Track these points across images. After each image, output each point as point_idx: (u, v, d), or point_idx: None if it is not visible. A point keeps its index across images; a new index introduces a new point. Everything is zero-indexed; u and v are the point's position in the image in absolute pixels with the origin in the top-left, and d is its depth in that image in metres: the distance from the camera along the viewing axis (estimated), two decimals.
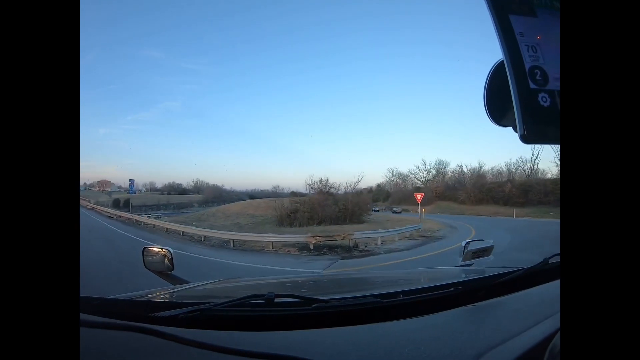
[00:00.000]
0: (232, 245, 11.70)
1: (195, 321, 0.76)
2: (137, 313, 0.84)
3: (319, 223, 20.06)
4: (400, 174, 48.66)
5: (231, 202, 37.76)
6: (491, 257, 1.62)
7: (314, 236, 10.92)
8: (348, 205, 22.16)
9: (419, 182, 45.84)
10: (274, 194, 43.69)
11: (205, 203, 41.83)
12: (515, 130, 0.52)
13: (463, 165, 44.40)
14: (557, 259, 1.07)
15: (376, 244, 11.36)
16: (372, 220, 21.94)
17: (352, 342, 0.72)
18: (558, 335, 0.66)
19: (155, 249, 1.59)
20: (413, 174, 47.20)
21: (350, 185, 25.44)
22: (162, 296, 1.22)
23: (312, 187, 25.39)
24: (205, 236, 13.16)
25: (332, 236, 11.28)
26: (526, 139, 0.51)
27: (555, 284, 0.98)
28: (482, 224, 20.55)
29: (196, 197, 47.38)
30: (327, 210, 21.23)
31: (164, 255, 1.54)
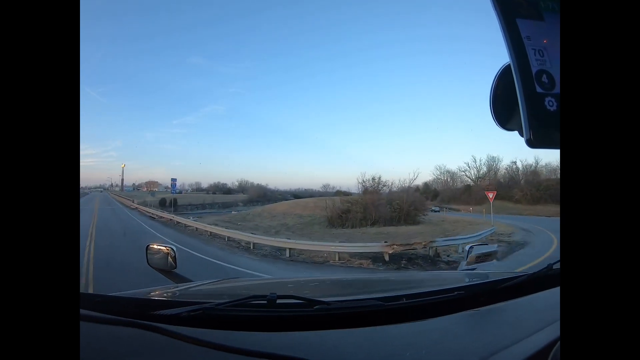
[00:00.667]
0: (287, 255, 9.62)
1: (198, 320, 0.76)
2: (139, 310, 0.84)
3: (373, 224, 18.79)
4: (448, 171, 46.42)
5: (275, 201, 37.71)
6: (494, 261, 1.60)
7: (390, 245, 8.99)
8: (403, 205, 20.44)
9: (469, 180, 43.41)
10: (318, 194, 43.64)
11: (249, 202, 42.04)
12: (521, 135, 0.52)
13: (517, 160, 40.53)
14: None
15: (457, 252, 9.48)
16: (428, 221, 20.40)
17: (353, 345, 0.72)
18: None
19: (159, 246, 1.60)
20: (463, 172, 44.56)
21: (403, 183, 23.99)
22: (165, 294, 1.22)
23: (364, 185, 24.23)
24: (254, 243, 11.05)
25: (411, 244, 9.31)
26: (532, 143, 0.51)
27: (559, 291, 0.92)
28: (552, 225, 16.81)
29: (241, 196, 47.66)
30: (380, 210, 19.66)
31: (167, 254, 1.55)
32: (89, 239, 10.43)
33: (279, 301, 0.83)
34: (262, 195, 46.17)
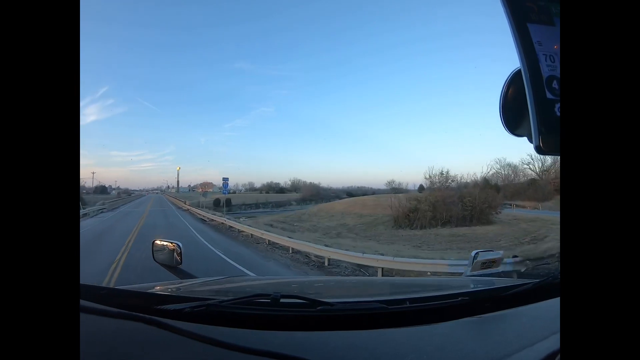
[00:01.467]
0: (380, 275, 6.87)
1: (201, 316, 0.77)
2: (143, 304, 0.85)
3: (444, 224, 17.33)
4: (509, 164, 41.96)
5: (328, 200, 37.21)
6: (499, 268, 1.61)
7: (522, 261, 6.52)
8: (475, 202, 18.40)
9: (533, 174, 38.98)
10: (370, 191, 42.80)
11: (302, 201, 41.88)
12: (530, 141, 0.52)
13: None
14: None
15: None
16: (501, 221, 18.11)
17: (355, 346, 0.72)
18: None
19: (164, 242, 1.61)
20: (526, 164, 39.92)
21: (473, 177, 22.03)
22: (169, 289, 1.22)
23: (431, 181, 22.39)
24: (329, 258, 8.24)
25: (544, 257, 6.83)
26: (541, 150, 0.50)
27: None
28: None
29: (294, 195, 47.62)
30: (452, 209, 18.05)
31: (173, 250, 1.55)
32: (124, 248, 9.31)
33: (282, 300, 0.83)
34: (315, 194, 45.68)
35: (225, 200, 30.22)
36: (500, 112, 0.62)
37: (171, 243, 1.59)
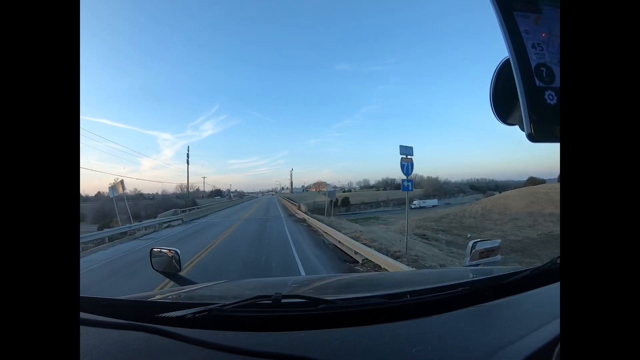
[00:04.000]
0: None
1: (203, 321, 0.77)
2: (144, 313, 0.85)
3: None
4: None
5: (452, 194, 34.67)
6: (498, 256, 1.58)
7: None
8: None
9: None
10: (507, 184, 40.17)
11: (425, 197, 40.08)
12: (522, 129, 0.53)
13: None
14: None
15: None
16: None
17: (359, 343, 0.72)
18: None
19: (162, 249, 1.60)
20: None
21: None
22: (170, 297, 1.22)
23: None
24: None
25: None
26: (533, 137, 0.51)
27: None
28: None
29: (416, 191, 44.09)
30: None
31: (172, 257, 1.55)
32: None
33: (283, 301, 0.84)
34: (438, 189, 43.97)
35: (343, 200, 28.21)
36: (490, 101, 0.62)
37: (169, 250, 1.58)
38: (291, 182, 64.86)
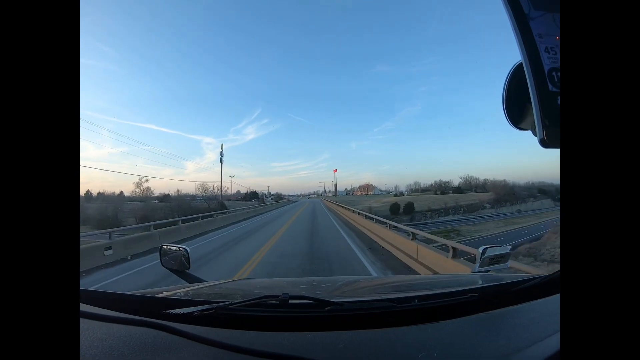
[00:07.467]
0: None
1: (210, 319, 0.78)
2: (152, 309, 0.85)
3: None
4: None
5: (523, 199, 29.45)
6: (508, 263, 1.54)
7: None
8: None
9: None
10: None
11: (496, 202, 34.99)
12: (535, 134, 0.52)
13: None
14: None
15: None
16: None
17: (365, 346, 0.72)
18: None
19: (172, 247, 1.60)
20: None
21: None
22: (178, 294, 1.22)
23: None
24: None
25: None
26: (545, 143, 0.50)
27: None
28: None
29: (484, 195, 39.97)
30: None
31: (181, 254, 1.55)
32: None
33: (291, 301, 0.84)
34: (508, 192, 38.18)
35: (407, 206, 24.37)
36: (503, 106, 0.61)
37: (178, 247, 1.59)
38: (335, 185, 62.93)
